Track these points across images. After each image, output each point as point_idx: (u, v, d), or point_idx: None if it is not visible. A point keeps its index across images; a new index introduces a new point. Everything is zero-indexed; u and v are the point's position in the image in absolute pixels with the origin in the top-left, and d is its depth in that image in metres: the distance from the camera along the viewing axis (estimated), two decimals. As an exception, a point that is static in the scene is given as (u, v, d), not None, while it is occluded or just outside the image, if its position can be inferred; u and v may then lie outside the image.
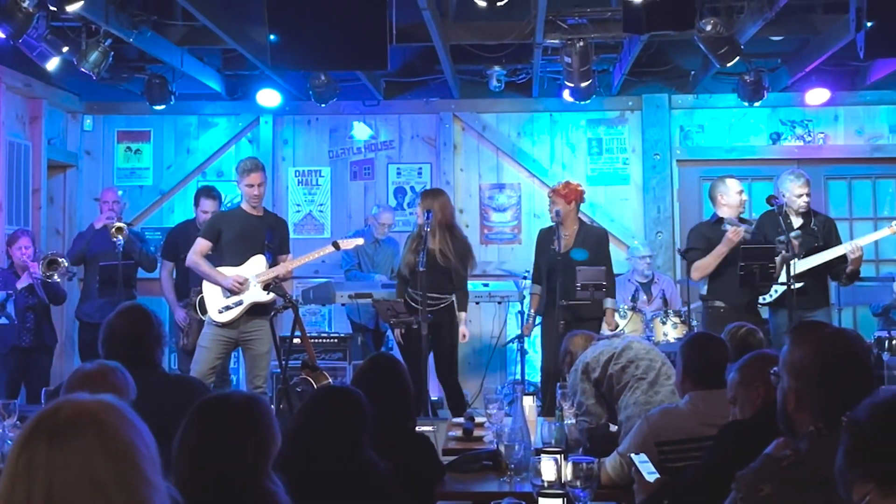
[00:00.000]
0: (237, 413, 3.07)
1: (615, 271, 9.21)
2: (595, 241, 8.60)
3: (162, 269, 9.66)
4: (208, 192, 9.72)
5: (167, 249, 9.64)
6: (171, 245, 9.58)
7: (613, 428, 5.71)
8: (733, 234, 8.13)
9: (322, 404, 4.00)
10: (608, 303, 8.54)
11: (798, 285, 7.90)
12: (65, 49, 8.44)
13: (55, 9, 7.46)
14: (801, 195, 8.34)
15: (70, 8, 7.26)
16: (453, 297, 8.75)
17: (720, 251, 8.14)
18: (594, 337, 6.52)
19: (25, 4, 7.28)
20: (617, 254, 10.53)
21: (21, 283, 8.66)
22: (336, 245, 8.59)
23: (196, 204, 9.69)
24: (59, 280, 8.85)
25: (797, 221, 8.35)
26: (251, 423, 3.05)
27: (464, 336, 8.83)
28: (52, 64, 8.61)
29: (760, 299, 8.38)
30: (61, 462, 1.97)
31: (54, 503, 1.94)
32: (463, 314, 8.80)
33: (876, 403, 2.23)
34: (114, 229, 8.94)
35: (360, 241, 9.05)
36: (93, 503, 1.96)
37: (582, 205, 8.81)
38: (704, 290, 8.57)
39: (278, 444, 3.14)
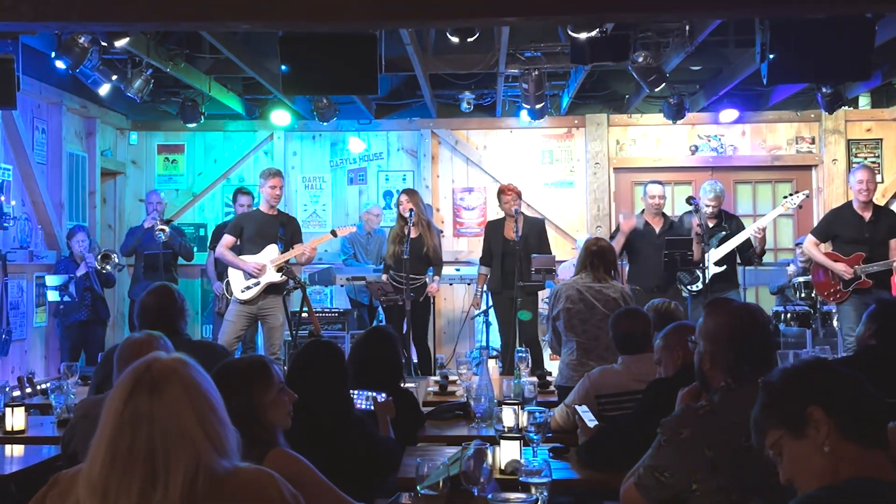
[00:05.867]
0: (242, 371, 3.11)
1: (561, 258, 9.25)
2: (537, 228, 8.60)
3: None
4: (243, 190, 9.78)
5: (215, 238, 9.53)
6: (218, 234, 9.47)
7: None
8: (624, 224, 8.35)
9: (306, 353, 3.99)
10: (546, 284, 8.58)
11: (721, 269, 8.09)
12: (114, 77, 8.43)
13: (106, 44, 7.43)
14: (709, 201, 8.47)
15: (118, 43, 7.24)
16: (426, 278, 8.85)
17: (618, 239, 8.31)
18: (605, 241, 6.27)
19: (81, 41, 7.28)
20: (565, 245, 10.63)
21: (79, 272, 8.73)
22: (334, 233, 8.63)
23: (234, 200, 9.73)
24: (110, 270, 8.91)
25: (713, 220, 8.45)
26: (252, 379, 3.09)
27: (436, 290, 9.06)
28: (104, 89, 8.61)
29: (692, 287, 8.39)
30: (160, 410, 2.00)
31: (153, 446, 1.98)
32: (437, 278, 8.95)
33: (786, 368, 2.26)
34: (157, 229, 9.01)
35: (353, 228, 9.01)
36: (182, 444, 2.00)
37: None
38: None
39: None
